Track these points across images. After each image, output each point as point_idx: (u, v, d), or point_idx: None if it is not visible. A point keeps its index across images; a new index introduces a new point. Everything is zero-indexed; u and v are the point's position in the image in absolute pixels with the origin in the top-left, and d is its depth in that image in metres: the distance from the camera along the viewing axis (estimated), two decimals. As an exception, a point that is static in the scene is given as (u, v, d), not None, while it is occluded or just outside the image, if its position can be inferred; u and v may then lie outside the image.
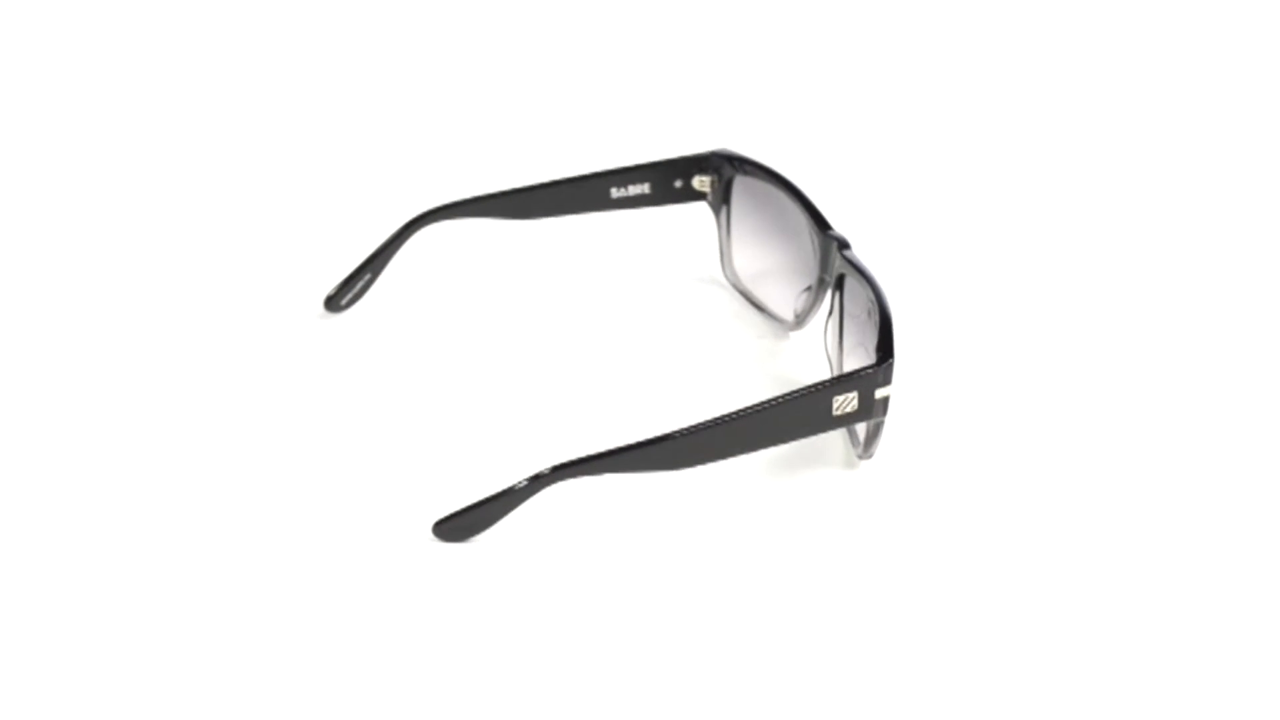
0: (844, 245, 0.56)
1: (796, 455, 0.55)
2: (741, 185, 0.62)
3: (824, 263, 0.57)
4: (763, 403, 0.51)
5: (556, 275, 0.65)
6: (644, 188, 0.63)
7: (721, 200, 0.63)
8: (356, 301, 0.62)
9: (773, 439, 0.52)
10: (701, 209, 0.64)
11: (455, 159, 0.73)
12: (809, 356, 0.59)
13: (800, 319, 0.60)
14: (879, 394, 0.52)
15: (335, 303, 0.62)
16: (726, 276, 0.64)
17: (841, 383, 0.52)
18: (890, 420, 0.54)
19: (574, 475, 0.51)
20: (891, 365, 0.52)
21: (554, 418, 0.57)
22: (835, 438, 0.55)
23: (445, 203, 0.62)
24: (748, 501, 0.54)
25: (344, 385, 0.59)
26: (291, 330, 0.61)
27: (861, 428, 0.54)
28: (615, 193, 0.63)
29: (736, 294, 0.63)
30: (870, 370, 0.52)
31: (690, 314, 0.63)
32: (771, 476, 0.54)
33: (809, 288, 0.59)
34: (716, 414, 0.51)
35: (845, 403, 0.52)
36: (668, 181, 0.63)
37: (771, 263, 0.62)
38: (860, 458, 0.55)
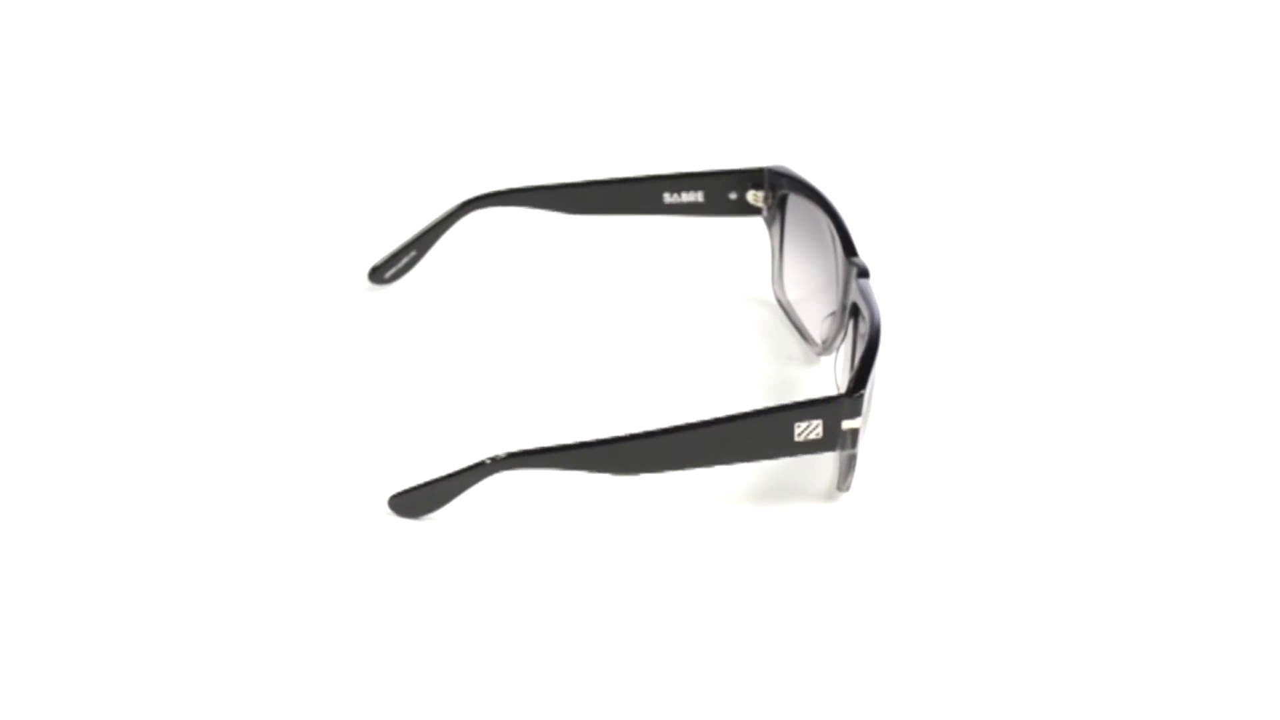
0: (862, 273, 0.55)
1: (780, 478, 0.54)
2: (794, 204, 0.61)
3: (844, 289, 0.56)
4: (719, 418, 0.50)
5: (599, 273, 0.64)
6: (697, 196, 0.62)
7: (775, 217, 0.62)
8: (400, 277, 0.63)
9: (731, 456, 0.51)
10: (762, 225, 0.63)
11: (516, 147, 0.73)
12: (830, 384, 0.58)
13: (826, 345, 0.59)
14: (846, 425, 0.51)
15: (379, 274, 0.63)
16: (775, 295, 0.63)
17: (804, 408, 0.51)
18: (883, 451, 0.53)
19: (524, 466, 0.51)
20: (861, 398, 0.50)
21: (556, 412, 0.57)
22: (827, 465, 0.54)
23: (499, 189, 0.63)
24: (712, 516, 0.53)
25: (364, 356, 0.60)
26: (331, 297, 0.63)
27: (836, 458, 0.52)
28: (668, 198, 0.62)
29: (780, 314, 0.62)
30: (836, 399, 0.51)
31: (723, 328, 0.62)
32: (747, 497, 0.53)
33: (833, 313, 0.58)
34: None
35: (808, 430, 0.51)
36: (722, 192, 0.62)
37: (810, 285, 0.60)
38: (838, 489, 0.53)
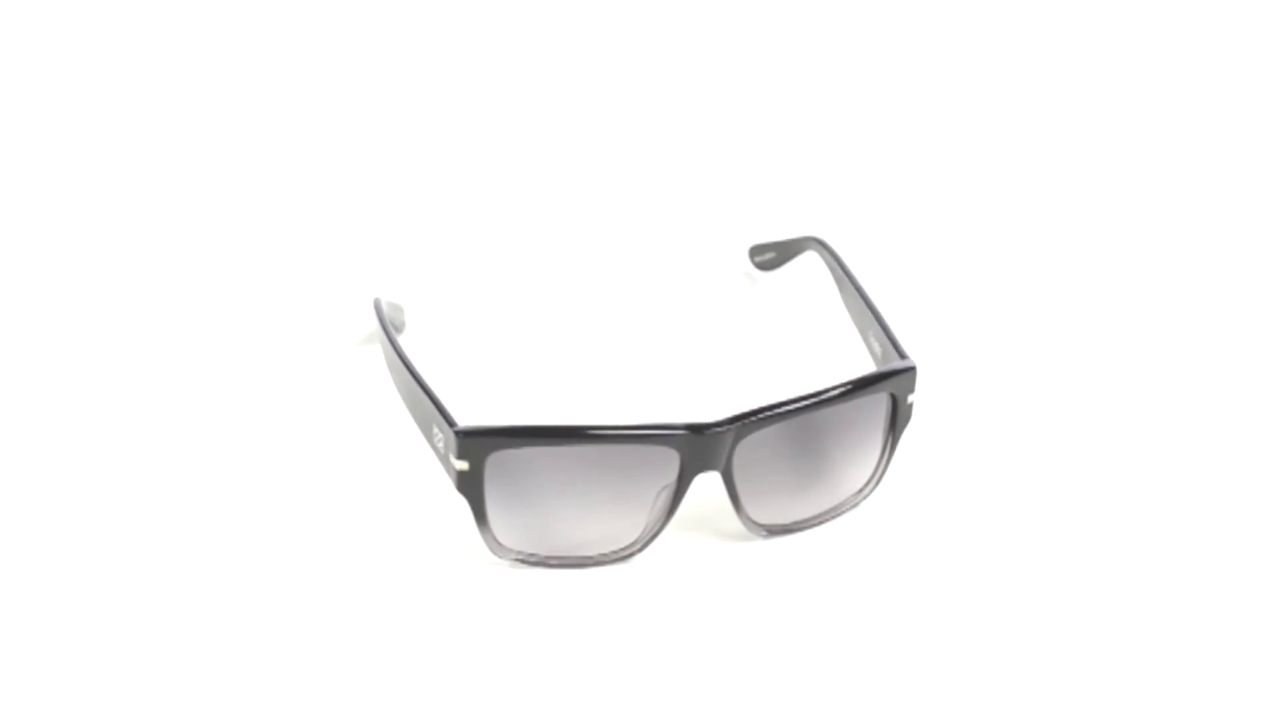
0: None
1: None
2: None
3: None
4: (420, 377, 0.54)
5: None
6: (876, 348, 0.58)
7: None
8: (764, 270, 0.69)
9: (418, 420, 0.54)
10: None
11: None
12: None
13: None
14: (453, 461, 0.50)
15: (752, 255, 0.70)
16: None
17: (443, 416, 0.51)
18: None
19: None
20: (463, 439, 0.49)
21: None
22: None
23: (837, 253, 0.64)
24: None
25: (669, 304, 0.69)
26: (715, 260, 0.72)
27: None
28: (871, 342, 0.59)
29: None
30: (455, 427, 0.50)
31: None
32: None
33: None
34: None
35: (441, 440, 0.51)
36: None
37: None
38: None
